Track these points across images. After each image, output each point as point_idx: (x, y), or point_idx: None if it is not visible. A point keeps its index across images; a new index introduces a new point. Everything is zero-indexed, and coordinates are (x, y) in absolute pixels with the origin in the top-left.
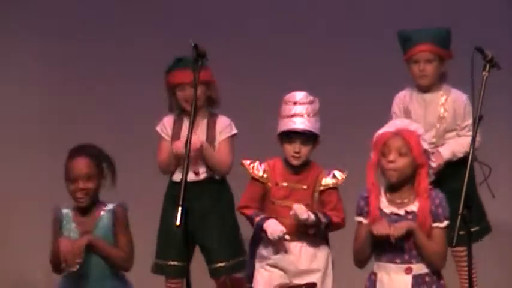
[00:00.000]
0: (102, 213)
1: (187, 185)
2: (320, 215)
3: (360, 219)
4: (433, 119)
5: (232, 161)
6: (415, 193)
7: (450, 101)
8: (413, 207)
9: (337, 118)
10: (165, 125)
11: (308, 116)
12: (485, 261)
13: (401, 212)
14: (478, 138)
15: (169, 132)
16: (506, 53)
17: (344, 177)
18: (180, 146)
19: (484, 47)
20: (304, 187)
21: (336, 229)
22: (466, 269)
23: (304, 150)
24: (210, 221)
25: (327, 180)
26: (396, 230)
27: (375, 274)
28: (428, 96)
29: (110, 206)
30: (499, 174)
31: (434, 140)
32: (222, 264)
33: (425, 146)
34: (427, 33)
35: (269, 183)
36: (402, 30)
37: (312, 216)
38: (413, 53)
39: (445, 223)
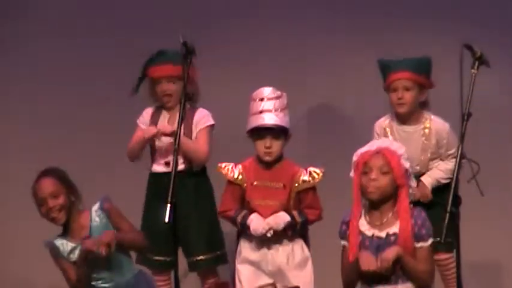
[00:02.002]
0: (89, 216)
1: (176, 181)
2: (295, 215)
3: (344, 243)
4: (416, 150)
5: (209, 151)
6: (395, 213)
7: (432, 131)
8: (395, 228)
9: (318, 116)
10: (144, 115)
11: (276, 111)
12: (473, 261)
13: (383, 234)
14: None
15: (147, 122)
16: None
17: (321, 174)
18: (151, 130)
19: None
20: (281, 185)
21: (312, 223)
22: (451, 276)
23: (276, 145)
24: (189, 214)
25: (304, 179)
26: (383, 263)
27: None
28: (408, 128)
29: (95, 206)
30: (487, 171)
31: (418, 168)
32: (200, 258)
33: (407, 165)
34: (406, 62)
35: (245, 184)
36: (382, 59)
37: (287, 218)
38: (391, 80)
39: (430, 241)
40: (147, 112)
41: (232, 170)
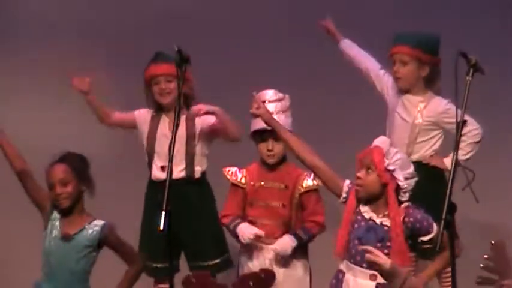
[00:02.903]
0: (87, 223)
1: (170, 187)
2: (301, 234)
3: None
4: (409, 123)
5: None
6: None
7: (428, 110)
8: (387, 222)
9: (321, 119)
10: (145, 114)
11: (278, 113)
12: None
13: (378, 221)
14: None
15: (146, 122)
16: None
17: None
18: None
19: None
20: (283, 186)
21: (316, 236)
22: (444, 278)
23: (278, 147)
24: (192, 221)
25: (308, 182)
26: None
27: (342, 273)
28: (409, 98)
29: (98, 221)
30: (483, 178)
31: (406, 141)
32: (210, 263)
33: (386, 163)
34: (409, 36)
35: (247, 186)
36: (398, 32)
37: (294, 243)
38: (391, 53)
39: (435, 227)
40: (149, 112)
41: (236, 174)
